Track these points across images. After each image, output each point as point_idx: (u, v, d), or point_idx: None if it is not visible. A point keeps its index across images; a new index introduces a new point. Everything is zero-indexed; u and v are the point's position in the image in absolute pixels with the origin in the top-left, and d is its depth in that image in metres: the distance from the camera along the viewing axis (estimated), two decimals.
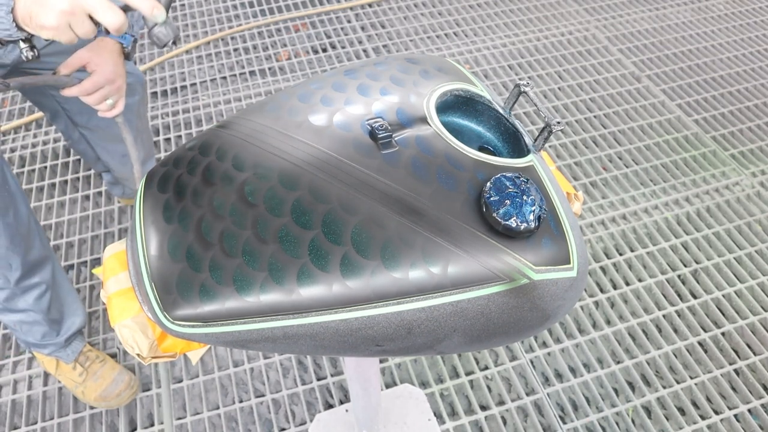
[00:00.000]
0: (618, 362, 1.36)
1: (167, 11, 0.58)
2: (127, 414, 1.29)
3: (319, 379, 1.33)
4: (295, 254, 0.50)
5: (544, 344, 1.38)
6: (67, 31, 0.56)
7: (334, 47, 2.21)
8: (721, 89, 2.04)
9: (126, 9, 0.57)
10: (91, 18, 0.57)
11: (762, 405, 1.29)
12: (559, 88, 2.03)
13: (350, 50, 2.19)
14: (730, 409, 1.28)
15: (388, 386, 1.31)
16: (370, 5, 2.39)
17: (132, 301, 0.58)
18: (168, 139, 1.88)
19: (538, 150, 0.60)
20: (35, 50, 0.63)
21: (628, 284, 1.50)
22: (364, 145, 0.55)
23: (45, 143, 1.88)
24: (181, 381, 1.34)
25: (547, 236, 0.52)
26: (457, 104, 0.66)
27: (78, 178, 1.79)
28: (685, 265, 1.54)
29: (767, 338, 1.39)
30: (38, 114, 1.96)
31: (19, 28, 0.58)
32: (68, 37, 0.57)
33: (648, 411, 1.29)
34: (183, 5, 2.41)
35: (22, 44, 0.62)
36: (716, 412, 1.28)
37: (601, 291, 1.49)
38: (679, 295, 1.48)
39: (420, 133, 0.57)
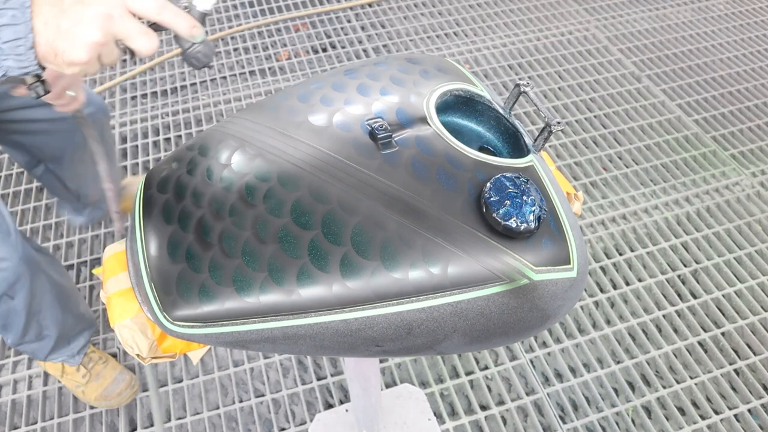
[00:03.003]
0: (618, 362, 1.36)
1: (204, 27, 0.50)
2: (127, 414, 1.29)
3: (319, 379, 1.33)
4: (295, 255, 0.50)
5: (544, 344, 1.38)
6: (95, 64, 0.49)
7: (334, 47, 2.21)
8: (721, 89, 2.04)
9: (156, 29, 0.50)
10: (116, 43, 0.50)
11: (762, 405, 1.29)
12: (559, 88, 2.03)
13: (350, 50, 2.18)
14: (730, 409, 1.28)
15: (388, 386, 1.31)
16: (370, 5, 2.39)
17: (132, 301, 0.58)
18: (168, 139, 1.88)
19: (538, 150, 0.60)
20: (46, 84, 0.54)
21: (628, 284, 1.50)
22: (364, 146, 0.55)
23: None
24: (181, 381, 1.34)
25: (547, 236, 0.52)
26: (457, 104, 0.66)
27: None
28: (685, 265, 1.54)
29: (767, 338, 1.39)
30: None
31: (39, 66, 0.48)
32: (95, 69, 0.49)
33: (648, 411, 1.29)
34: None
35: (29, 80, 0.53)
36: (716, 412, 1.28)
37: (601, 291, 1.49)
38: (679, 295, 1.48)
39: (420, 133, 0.57)
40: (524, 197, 0.50)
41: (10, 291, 0.98)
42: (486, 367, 1.35)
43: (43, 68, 0.48)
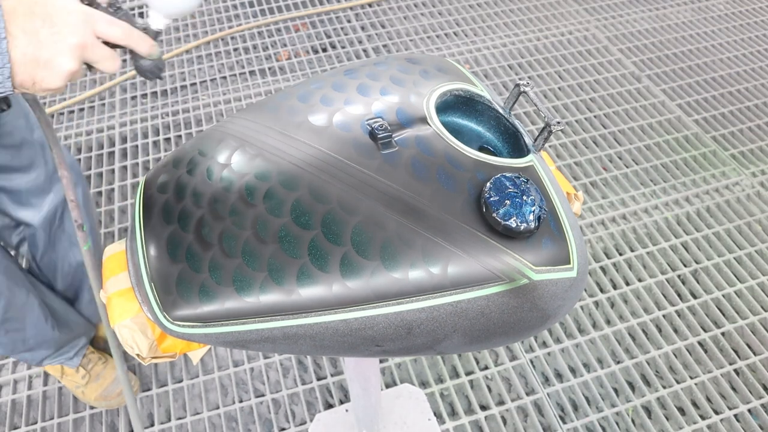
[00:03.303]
0: (618, 362, 1.36)
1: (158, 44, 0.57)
2: (127, 414, 1.29)
3: (319, 379, 1.33)
4: (295, 254, 0.50)
5: (544, 344, 1.38)
6: (66, 86, 0.52)
7: (334, 47, 2.21)
8: (721, 89, 2.04)
9: (115, 47, 0.55)
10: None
11: (762, 405, 1.29)
12: (559, 88, 2.03)
13: (350, 50, 2.18)
14: (730, 409, 1.28)
15: (388, 386, 1.31)
16: (370, 5, 2.39)
17: (132, 301, 0.58)
18: (168, 139, 1.88)
19: (538, 150, 0.60)
20: (8, 99, 0.57)
21: (628, 284, 1.50)
22: (364, 145, 0.55)
23: None
24: (181, 381, 1.34)
25: (547, 236, 0.52)
26: (457, 104, 0.66)
27: None
28: (685, 265, 1.54)
29: (767, 338, 1.39)
30: None
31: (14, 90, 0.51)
32: (63, 90, 0.54)
33: (648, 411, 1.29)
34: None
35: None
36: (716, 412, 1.28)
37: (601, 291, 1.49)
38: (679, 295, 1.48)
39: (420, 133, 0.57)
40: (524, 197, 0.50)
41: None
42: (486, 367, 1.35)
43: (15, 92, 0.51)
